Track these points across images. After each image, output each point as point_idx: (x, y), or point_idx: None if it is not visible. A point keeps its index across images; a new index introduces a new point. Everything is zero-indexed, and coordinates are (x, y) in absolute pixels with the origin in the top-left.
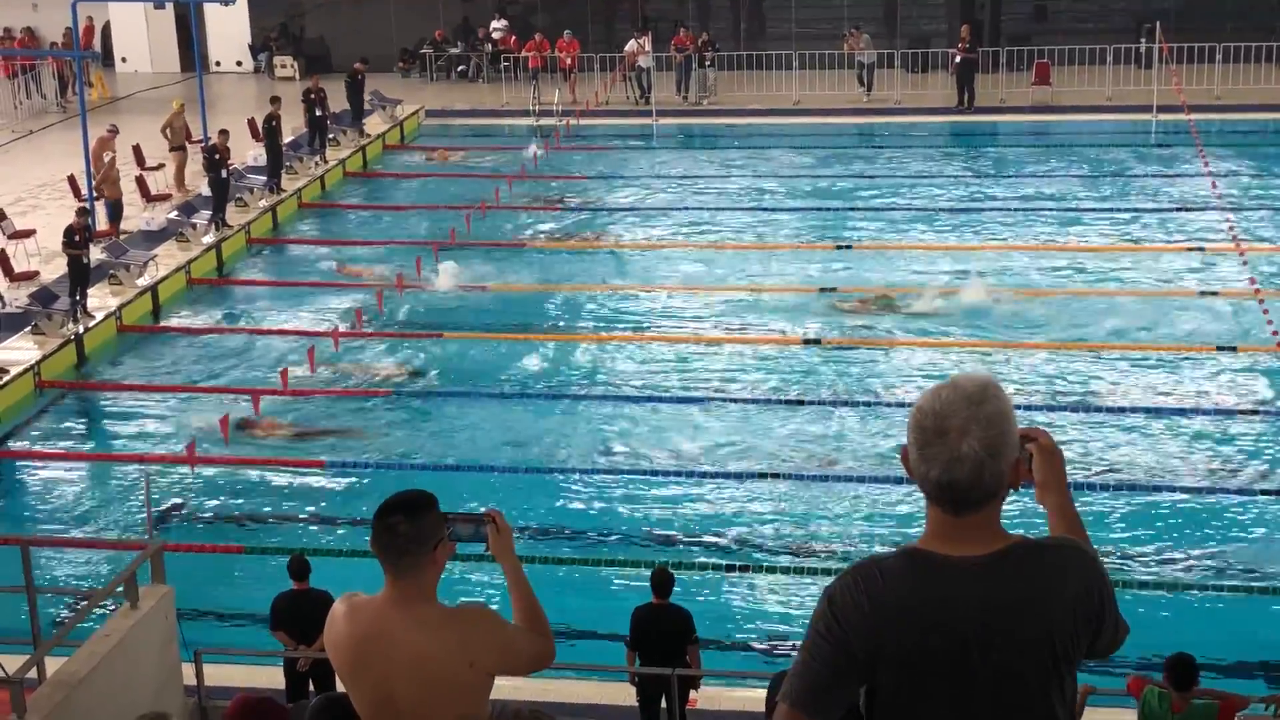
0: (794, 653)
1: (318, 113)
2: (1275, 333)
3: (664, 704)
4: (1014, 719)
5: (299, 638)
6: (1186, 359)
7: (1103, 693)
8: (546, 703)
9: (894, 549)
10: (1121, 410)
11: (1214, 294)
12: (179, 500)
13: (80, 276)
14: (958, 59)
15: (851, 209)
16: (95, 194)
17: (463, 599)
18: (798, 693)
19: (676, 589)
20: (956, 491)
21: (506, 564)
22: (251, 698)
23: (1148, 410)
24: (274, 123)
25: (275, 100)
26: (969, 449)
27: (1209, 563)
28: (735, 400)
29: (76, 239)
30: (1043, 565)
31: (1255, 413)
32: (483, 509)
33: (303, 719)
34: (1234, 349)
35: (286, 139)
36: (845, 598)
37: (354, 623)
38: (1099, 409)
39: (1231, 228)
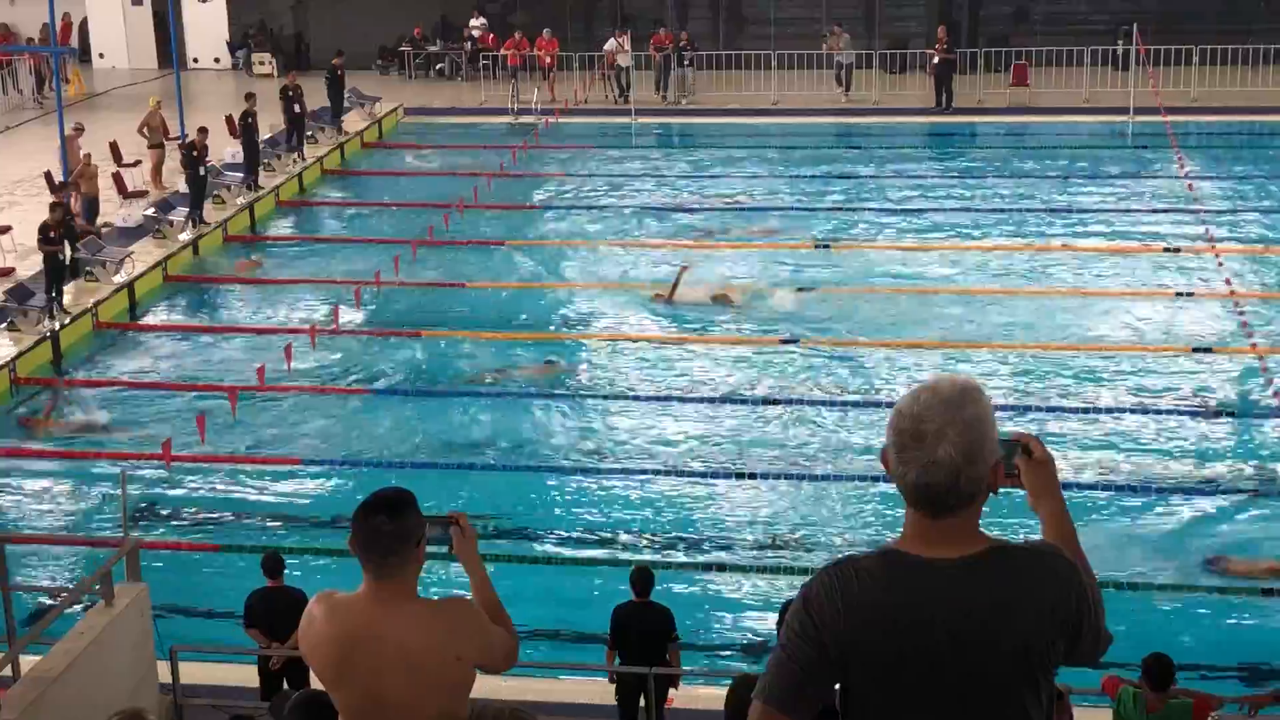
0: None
1: (296, 109)
2: (1250, 334)
3: (642, 703)
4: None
5: (271, 635)
6: (1162, 360)
7: (1077, 692)
8: (525, 701)
9: (871, 549)
10: (1096, 411)
11: (1190, 295)
12: (154, 498)
13: (56, 273)
14: (936, 60)
15: (831, 209)
16: (71, 190)
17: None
18: (772, 690)
19: (661, 586)
20: (933, 494)
21: (470, 566)
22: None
23: (1122, 411)
24: (250, 119)
25: (250, 97)
26: (945, 454)
27: (1183, 563)
28: (713, 400)
29: (52, 235)
30: (1019, 569)
31: (1230, 413)
32: (447, 511)
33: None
34: (1209, 350)
35: (265, 136)
36: (820, 597)
37: (337, 622)
38: (1074, 409)
39: (1207, 229)
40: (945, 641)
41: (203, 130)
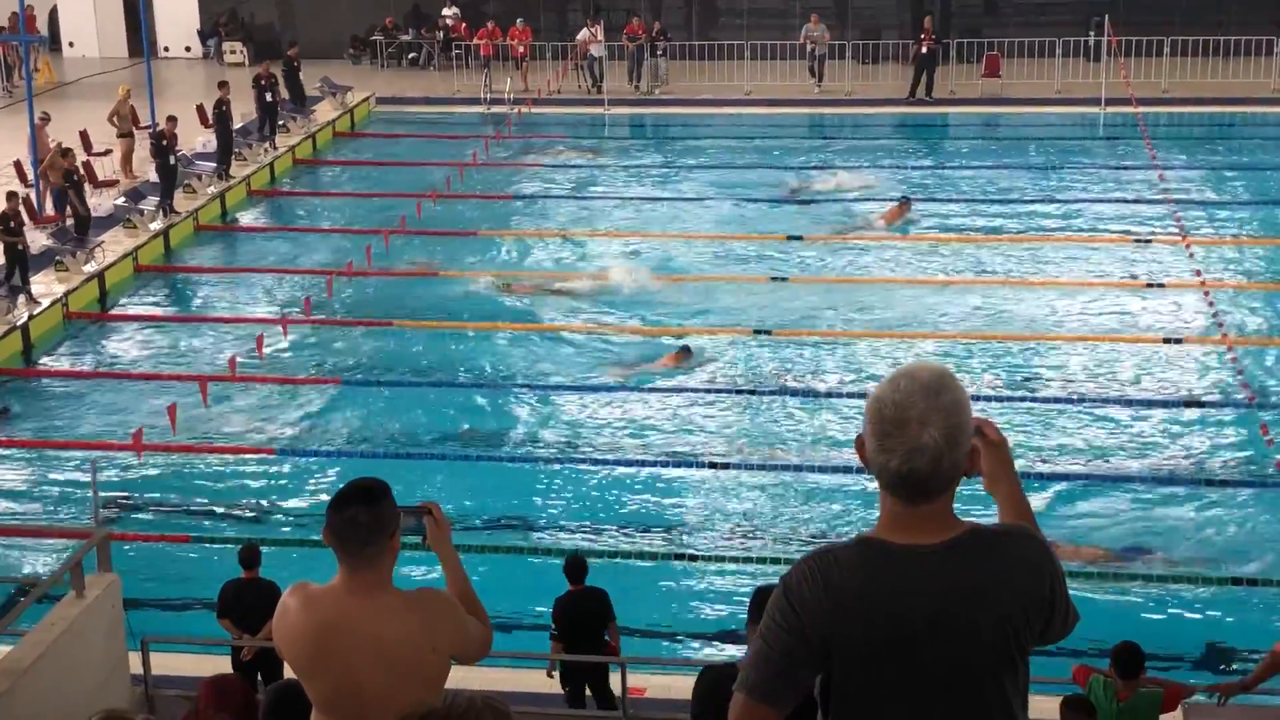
0: (744, 641)
1: (268, 98)
2: (1220, 324)
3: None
4: (967, 705)
5: (242, 627)
6: (1132, 350)
7: (1048, 681)
8: (498, 691)
9: (848, 538)
10: (1067, 401)
11: (1160, 286)
12: (126, 488)
13: (18, 263)
14: (924, 49)
15: (803, 201)
16: (40, 179)
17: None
18: (754, 682)
19: (634, 577)
20: (915, 480)
21: (444, 555)
22: (216, 678)
23: (1093, 401)
24: (223, 108)
25: (224, 85)
26: (930, 439)
27: (1153, 553)
28: (683, 390)
29: (11, 225)
30: (996, 553)
31: (1200, 404)
32: (419, 501)
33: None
34: (1180, 340)
35: (236, 125)
36: (802, 587)
37: (312, 613)
38: (1044, 399)
39: (1178, 220)
40: (927, 627)
41: (172, 119)
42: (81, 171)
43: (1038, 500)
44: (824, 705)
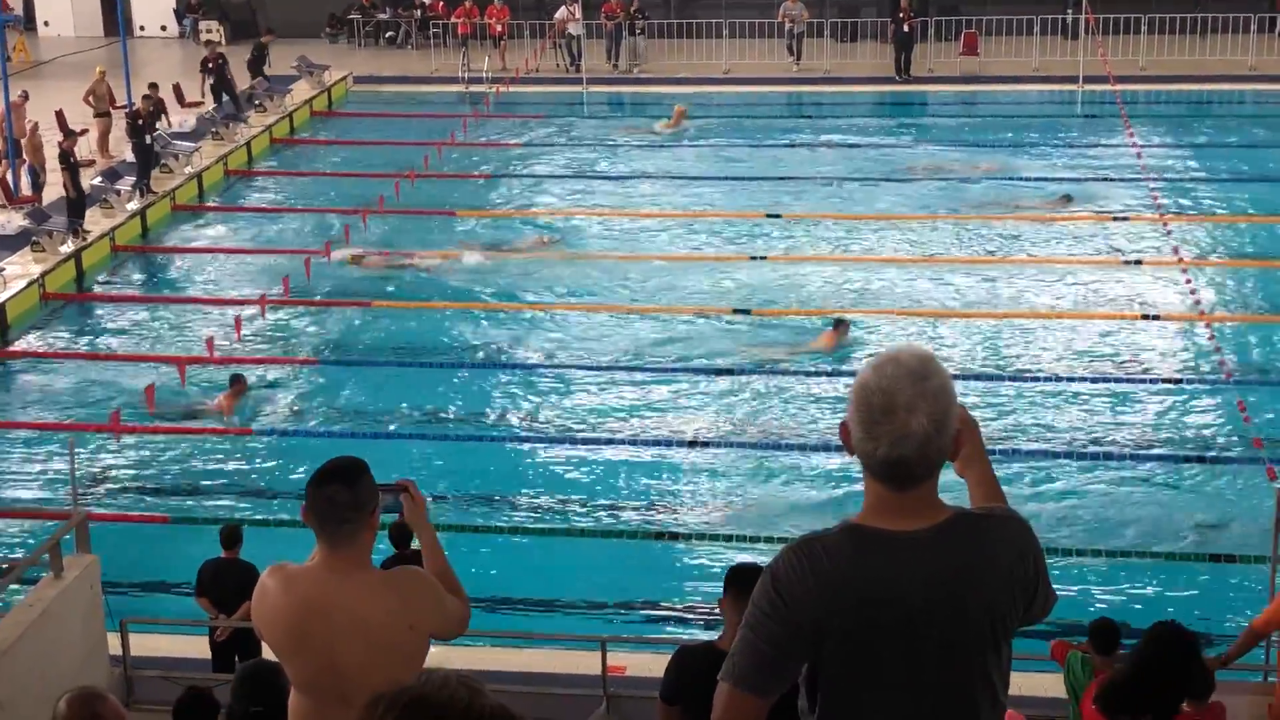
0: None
1: (212, 81)
2: (1198, 301)
3: (599, 670)
4: (955, 688)
5: (220, 607)
6: (1110, 327)
7: (1026, 657)
8: (475, 670)
9: (832, 525)
10: (1045, 378)
11: (1138, 263)
12: (104, 469)
13: None
14: (905, 28)
15: (781, 178)
16: (17, 159)
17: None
18: (743, 672)
19: (614, 556)
20: (903, 468)
21: (422, 532)
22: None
23: (1071, 378)
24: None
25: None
26: (918, 425)
27: (1131, 529)
28: (664, 369)
29: None
30: (983, 536)
31: (1178, 381)
32: (396, 478)
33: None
34: (1157, 317)
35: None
36: (790, 574)
37: (292, 593)
38: (1022, 377)
39: (1156, 197)
40: (916, 612)
41: (147, 97)
42: (78, 154)
43: (1015, 477)
44: (810, 692)
